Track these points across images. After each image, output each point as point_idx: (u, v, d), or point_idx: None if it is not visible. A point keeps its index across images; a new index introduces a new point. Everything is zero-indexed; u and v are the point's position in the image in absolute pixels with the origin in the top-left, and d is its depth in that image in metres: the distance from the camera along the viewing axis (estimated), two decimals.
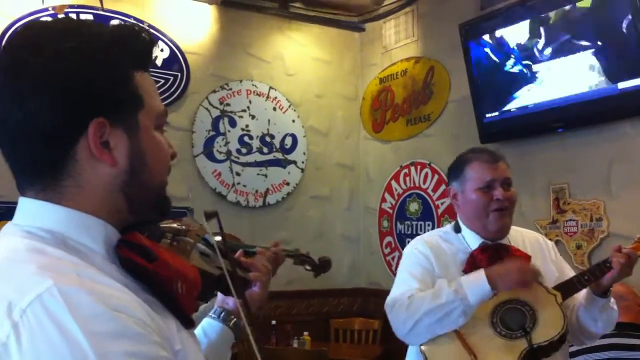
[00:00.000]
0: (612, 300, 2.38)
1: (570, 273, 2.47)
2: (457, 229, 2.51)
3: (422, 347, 2.33)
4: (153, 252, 0.94)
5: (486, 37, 4.46)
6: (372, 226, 5.91)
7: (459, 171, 2.47)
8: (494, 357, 2.25)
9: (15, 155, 0.92)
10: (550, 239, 2.64)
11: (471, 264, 2.38)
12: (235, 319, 1.67)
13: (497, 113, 4.45)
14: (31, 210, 0.91)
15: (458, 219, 2.53)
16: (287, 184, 5.69)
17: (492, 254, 2.39)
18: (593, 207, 3.98)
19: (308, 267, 2.27)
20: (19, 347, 0.75)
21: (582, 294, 2.36)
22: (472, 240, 2.45)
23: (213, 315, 1.66)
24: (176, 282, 0.94)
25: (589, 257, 3.96)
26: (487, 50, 4.47)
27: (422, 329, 2.29)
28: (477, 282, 2.24)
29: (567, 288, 2.32)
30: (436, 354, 2.31)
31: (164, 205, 1.02)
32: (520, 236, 2.53)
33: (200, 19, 5.40)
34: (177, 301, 0.94)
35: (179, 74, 5.25)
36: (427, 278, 2.39)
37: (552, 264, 2.48)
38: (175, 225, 1.18)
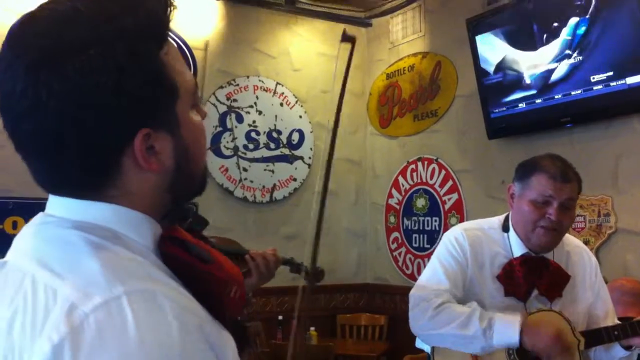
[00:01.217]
0: (636, 352, 2.35)
1: (605, 297, 2.43)
2: (506, 228, 2.42)
3: (434, 352, 2.34)
4: (205, 251, 0.86)
5: (493, 32, 4.44)
6: (378, 222, 5.90)
7: (525, 175, 2.34)
8: None
9: (48, 172, 0.82)
10: (594, 257, 2.57)
11: (507, 272, 2.33)
12: None
13: (504, 108, 4.44)
14: (73, 206, 0.83)
15: (509, 217, 2.44)
16: (294, 179, 5.69)
17: (531, 267, 2.33)
18: (601, 202, 3.97)
19: (302, 275, 2.29)
20: (73, 355, 0.68)
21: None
22: (516, 245, 2.37)
23: None
24: (232, 287, 0.87)
25: (596, 253, 3.94)
26: (494, 45, 4.45)
27: (437, 340, 2.31)
28: (508, 331, 2.18)
29: (593, 337, 2.28)
30: None
31: (203, 186, 0.95)
32: (565, 248, 2.43)
33: (207, 15, 5.40)
34: (225, 306, 0.85)
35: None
36: (458, 277, 2.34)
37: (590, 287, 2.42)
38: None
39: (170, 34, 0.86)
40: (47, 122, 0.77)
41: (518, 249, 2.36)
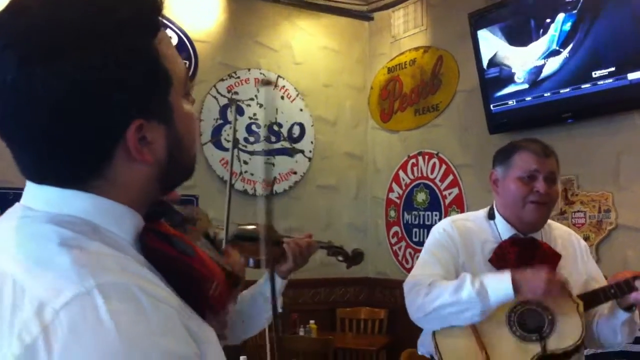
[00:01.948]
0: (637, 313, 2.31)
1: (597, 276, 2.43)
2: (491, 216, 2.45)
3: (436, 337, 2.31)
4: (188, 245, 0.85)
5: (495, 27, 4.43)
6: (379, 216, 5.91)
7: (506, 157, 2.40)
8: (506, 356, 2.22)
9: (35, 158, 0.80)
10: (583, 240, 2.58)
11: (499, 255, 2.34)
12: None
13: (505, 103, 4.43)
14: (52, 197, 0.80)
15: (494, 205, 2.47)
16: (295, 173, 5.69)
17: (522, 248, 2.34)
18: (601, 198, 3.97)
19: (340, 259, 2.29)
20: (48, 354, 0.65)
21: (606, 303, 2.31)
22: (504, 230, 2.39)
23: None
24: (212, 282, 0.85)
25: (596, 249, 3.94)
26: (496, 39, 4.44)
27: (436, 318, 2.28)
28: (501, 285, 2.18)
29: (591, 299, 2.27)
30: (448, 346, 2.29)
31: (191, 173, 0.93)
32: (554, 232, 2.46)
33: (209, 7, 5.39)
34: (205, 301, 0.84)
35: (187, 62, 5.24)
36: (450, 263, 2.36)
37: (582, 266, 2.43)
38: (186, 212, 1.14)
39: (171, 26, 0.85)
40: (38, 115, 0.75)
41: (506, 233, 2.38)
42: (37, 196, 0.82)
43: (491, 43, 4.49)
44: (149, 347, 0.68)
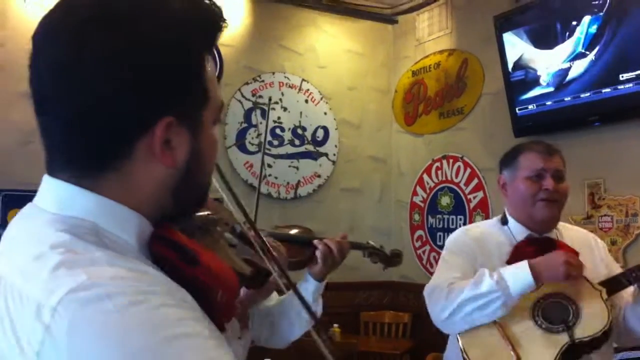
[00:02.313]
0: None
1: (619, 271, 2.39)
2: (504, 221, 2.46)
3: (459, 337, 2.29)
4: (193, 253, 0.84)
5: (520, 30, 4.40)
6: (403, 220, 5.89)
7: (512, 160, 2.45)
8: (534, 350, 2.19)
9: (62, 137, 0.81)
10: (600, 240, 2.56)
11: (515, 255, 2.33)
12: (239, 309, 1.65)
13: (531, 107, 4.40)
14: (60, 195, 0.81)
15: (505, 210, 2.49)
16: (319, 176, 5.70)
17: (539, 247, 2.33)
18: (629, 202, 3.92)
19: (376, 260, 2.26)
20: (57, 352, 0.66)
21: (630, 291, 2.29)
22: (518, 232, 2.40)
23: None
24: (217, 291, 0.83)
25: (623, 253, 3.89)
26: (522, 42, 4.41)
27: (459, 317, 2.26)
28: (519, 273, 2.18)
29: (612, 284, 2.25)
30: (473, 344, 2.27)
31: (205, 197, 0.94)
32: (569, 233, 2.47)
33: (234, 11, 5.42)
34: (214, 309, 0.82)
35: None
36: (468, 268, 2.36)
37: (601, 263, 2.41)
38: (206, 213, 1.10)
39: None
40: (84, 79, 0.77)
41: (521, 234, 2.40)
42: (46, 194, 0.83)
43: (517, 46, 4.46)
44: (151, 322, 0.69)
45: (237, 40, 5.44)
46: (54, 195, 0.82)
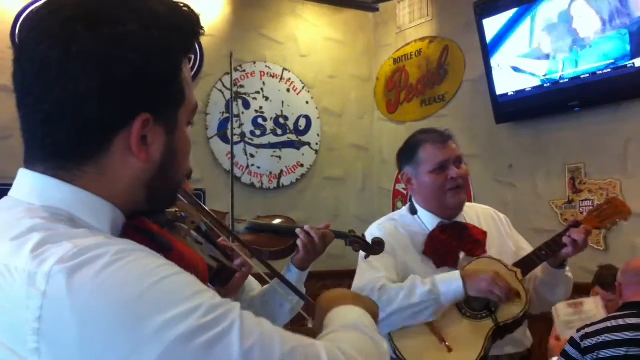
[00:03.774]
0: (567, 268, 2.42)
1: (525, 246, 2.53)
2: (413, 211, 2.54)
3: (393, 339, 2.34)
4: (166, 240, 0.89)
5: (501, 15, 4.41)
6: (386, 207, 5.90)
7: (411, 155, 2.49)
8: (463, 339, 2.30)
9: (43, 130, 0.84)
10: (565, 219, 2.65)
11: (431, 245, 2.43)
12: None
13: (512, 92, 4.41)
14: (36, 186, 0.85)
15: (413, 201, 2.55)
16: (301, 165, 5.69)
17: (452, 233, 2.43)
18: (609, 186, 3.96)
19: (357, 249, 2.26)
20: (60, 312, 0.71)
21: (538, 267, 2.41)
22: (429, 220, 2.48)
23: None
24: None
25: (604, 238, 3.93)
26: (502, 28, 4.42)
27: (390, 323, 2.32)
28: (452, 285, 2.27)
29: (526, 264, 2.37)
30: (405, 342, 2.34)
31: (174, 198, 1.00)
32: (474, 212, 2.57)
33: (213, 0, 5.38)
34: None
35: (193, 56, 5.24)
36: (389, 263, 2.40)
37: (508, 238, 2.54)
38: (174, 210, 1.13)
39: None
40: (67, 74, 0.80)
41: (432, 223, 2.48)
42: (22, 186, 0.86)
43: (500, 31, 4.46)
44: (148, 270, 0.75)
45: (217, 29, 5.40)
46: (30, 186, 0.85)
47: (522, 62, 4.32)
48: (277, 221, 2.26)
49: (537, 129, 4.38)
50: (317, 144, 5.77)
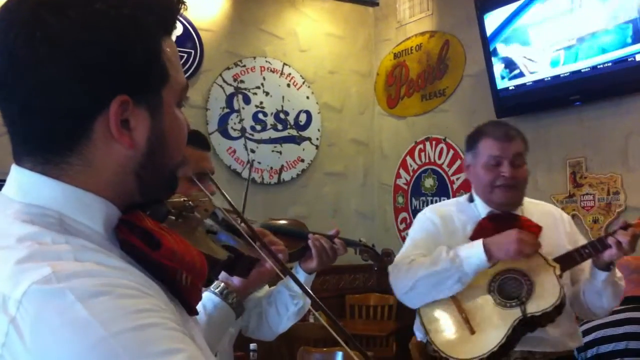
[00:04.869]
0: (619, 275, 2.37)
1: None
2: (471, 199, 2.54)
3: (420, 311, 2.41)
4: (156, 238, 0.83)
5: (502, 10, 4.40)
6: (387, 202, 5.90)
7: (473, 144, 2.51)
8: (488, 324, 2.28)
9: (21, 122, 0.81)
10: (566, 214, 2.63)
11: (478, 231, 2.41)
12: (237, 297, 1.65)
13: (513, 87, 4.41)
14: (24, 184, 0.82)
15: (472, 189, 2.55)
16: (302, 160, 5.69)
17: (501, 222, 2.40)
18: (610, 180, 3.95)
19: (367, 258, 2.28)
20: (22, 343, 0.67)
21: (588, 268, 2.36)
22: (482, 209, 2.48)
23: (215, 291, 1.63)
24: (180, 274, 0.84)
25: (605, 231, 3.93)
26: (503, 22, 4.41)
27: (418, 292, 2.37)
28: (473, 251, 2.27)
29: (566, 260, 2.32)
30: (432, 318, 2.38)
31: (175, 183, 0.94)
32: (535, 208, 2.53)
33: None
34: (181, 292, 0.84)
35: (193, 51, 5.24)
36: (431, 244, 2.44)
37: (566, 236, 2.47)
38: (182, 199, 1.09)
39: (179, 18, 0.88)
40: (36, 61, 0.77)
41: (484, 211, 2.47)
42: (13, 183, 0.84)
43: (501, 25, 4.45)
44: (118, 316, 0.69)
45: (217, 24, 5.40)
46: (19, 184, 0.83)
47: (523, 56, 4.31)
48: (280, 221, 2.26)
49: (538, 123, 4.38)
50: (317, 139, 5.77)
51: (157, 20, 0.84)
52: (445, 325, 2.34)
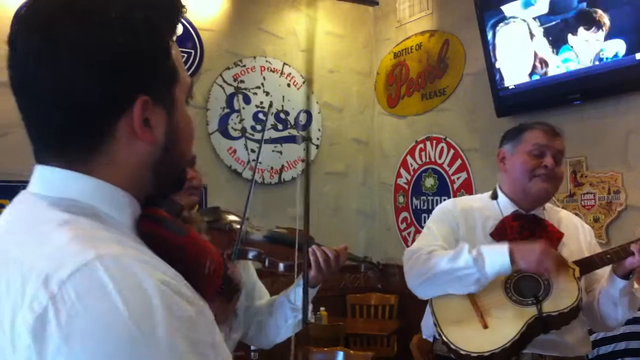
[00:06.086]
0: (637, 287, 2.33)
1: None
2: (495, 196, 2.49)
3: (432, 302, 2.35)
4: (180, 226, 0.89)
5: (502, 9, 4.40)
6: (387, 202, 5.90)
7: (517, 134, 2.46)
8: (502, 320, 2.24)
9: (47, 126, 0.85)
10: (587, 225, 2.59)
11: (500, 229, 2.37)
12: None
13: (513, 86, 4.41)
14: (54, 180, 0.85)
15: (497, 185, 2.51)
16: (302, 160, 5.68)
17: (524, 224, 2.37)
18: (611, 179, 3.95)
19: (372, 273, 2.28)
20: (57, 322, 0.69)
21: (606, 276, 2.32)
22: (506, 207, 2.43)
23: None
24: (204, 261, 0.88)
25: (606, 231, 3.93)
26: (503, 21, 4.41)
27: (433, 285, 2.31)
28: (498, 255, 2.20)
29: (586, 264, 2.29)
30: (444, 309, 2.32)
31: (184, 178, 0.99)
32: (556, 215, 2.50)
33: None
34: (201, 279, 0.86)
35: (193, 51, 5.24)
36: (450, 237, 2.40)
37: (586, 246, 2.44)
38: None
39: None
40: (60, 68, 0.81)
41: (508, 210, 2.42)
42: (41, 180, 0.86)
43: (501, 24, 4.45)
44: (149, 312, 0.71)
45: (217, 24, 5.40)
46: (48, 180, 0.86)
47: (522, 55, 4.31)
48: (284, 230, 2.23)
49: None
50: (318, 138, 5.77)
51: (166, 21, 0.88)
52: (458, 318, 2.29)
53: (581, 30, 3.91)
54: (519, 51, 4.33)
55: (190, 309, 0.75)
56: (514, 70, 4.39)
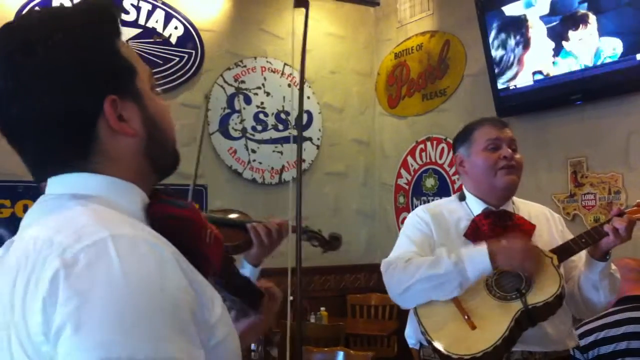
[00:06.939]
0: (614, 267, 2.34)
1: None
2: (462, 198, 2.51)
3: (417, 311, 2.32)
4: (183, 201, 1.01)
5: (503, 9, 4.40)
6: (388, 202, 5.90)
7: (466, 137, 2.49)
8: (489, 318, 2.23)
9: (38, 150, 0.95)
10: (567, 213, 2.62)
11: (473, 228, 2.38)
12: None
13: (513, 86, 4.41)
14: (67, 182, 0.95)
15: (463, 187, 2.53)
16: (303, 160, 5.68)
17: (495, 219, 2.38)
18: (611, 180, 3.95)
19: (315, 243, 2.24)
20: (66, 281, 0.78)
21: (583, 261, 2.34)
22: (475, 207, 2.44)
23: None
24: (205, 230, 1.00)
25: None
26: (504, 22, 4.41)
27: (414, 293, 2.29)
28: (478, 257, 2.20)
29: (563, 250, 2.29)
30: (430, 315, 2.30)
31: (177, 156, 1.08)
32: (526, 208, 2.51)
33: None
34: (203, 250, 0.98)
35: (194, 52, 5.24)
36: (425, 243, 2.40)
37: (558, 235, 2.46)
38: None
39: (177, 16, 0.98)
40: (28, 100, 0.91)
41: (478, 209, 2.43)
42: (56, 184, 0.96)
43: (502, 24, 4.45)
44: (149, 289, 0.81)
45: (218, 25, 5.40)
46: (62, 182, 0.95)
47: (524, 55, 4.31)
48: (232, 215, 2.20)
49: (539, 122, 4.38)
50: (318, 139, 5.77)
51: (106, 27, 0.98)
52: (444, 323, 2.28)
53: (582, 30, 3.91)
54: (520, 52, 4.33)
55: (190, 291, 0.85)
56: (515, 70, 4.39)
